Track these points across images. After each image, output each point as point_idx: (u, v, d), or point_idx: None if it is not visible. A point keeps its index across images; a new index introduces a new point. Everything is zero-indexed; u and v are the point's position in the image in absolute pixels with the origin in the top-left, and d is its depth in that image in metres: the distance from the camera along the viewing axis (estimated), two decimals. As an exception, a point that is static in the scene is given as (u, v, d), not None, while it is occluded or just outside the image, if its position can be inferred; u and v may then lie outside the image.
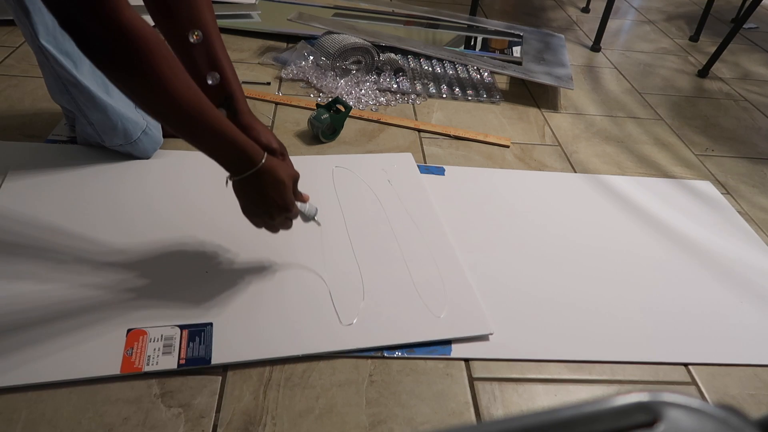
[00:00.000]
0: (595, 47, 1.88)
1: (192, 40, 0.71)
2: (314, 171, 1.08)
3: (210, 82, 0.73)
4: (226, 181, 0.72)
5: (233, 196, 0.74)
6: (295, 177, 0.77)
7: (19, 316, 0.73)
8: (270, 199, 0.72)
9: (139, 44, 0.57)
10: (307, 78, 1.41)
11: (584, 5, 2.27)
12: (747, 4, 2.02)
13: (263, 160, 0.70)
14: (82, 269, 0.81)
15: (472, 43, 1.75)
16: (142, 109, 0.66)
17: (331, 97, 1.35)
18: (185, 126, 0.65)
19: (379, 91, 1.40)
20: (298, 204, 0.78)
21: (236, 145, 0.68)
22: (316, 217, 0.81)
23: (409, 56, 1.57)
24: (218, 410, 0.67)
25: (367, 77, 1.43)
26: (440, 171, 1.14)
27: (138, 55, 0.57)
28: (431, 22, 1.83)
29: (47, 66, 0.92)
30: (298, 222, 0.81)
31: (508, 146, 1.27)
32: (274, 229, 0.78)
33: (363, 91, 1.38)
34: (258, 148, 0.70)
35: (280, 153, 0.76)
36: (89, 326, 0.73)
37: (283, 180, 0.72)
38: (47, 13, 0.87)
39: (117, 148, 1.01)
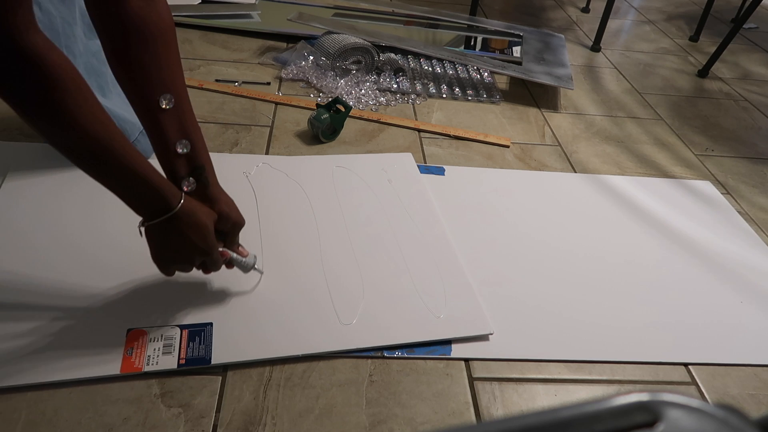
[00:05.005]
0: (595, 47, 1.88)
1: (163, 106, 0.65)
2: (314, 171, 1.08)
3: (180, 150, 0.67)
4: (140, 230, 0.66)
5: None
6: (238, 223, 0.74)
7: (18, 316, 0.73)
8: (190, 243, 0.67)
9: (39, 70, 0.52)
10: (307, 78, 1.41)
11: (584, 5, 2.27)
12: (747, 4, 2.02)
13: (181, 201, 0.64)
14: (82, 269, 0.81)
15: (472, 43, 1.75)
16: (43, 138, 0.58)
17: (331, 97, 1.35)
18: (90, 163, 0.59)
19: (379, 91, 1.40)
20: (234, 256, 0.75)
21: (150, 186, 0.62)
22: (256, 266, 0.78)
23: (409, 56, 1.57)
24: (218, 410, 0.67)
25: (367, 77, 1.43)
26: (440, 171, 1.14)
27: (36, 81, 0.52)
28: (431, 22, 1.83)
29: None
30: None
31: (508, 146, 1.27)
32: (189, 270, 0.72)
33: (363, 91, 1.38)
34: (175, 189, 0.65)
35: (239, 226, 0.75)
36: (89, 326, 0.73)
37: (204, 223, 0.67)
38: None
39: (116, 149, 1.01)
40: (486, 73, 1.55)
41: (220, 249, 0.72)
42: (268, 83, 1.39)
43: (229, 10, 1.71)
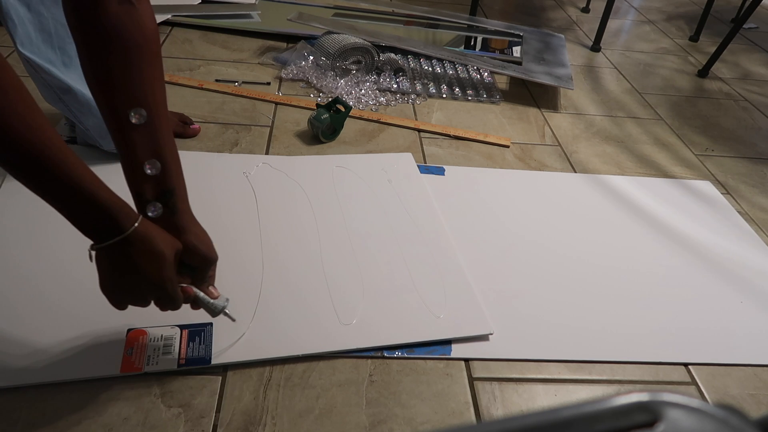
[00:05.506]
0: (595, 47, 1.88)
1: (133, 121, 0.59)
2: (314, 171, 1.08)
3: (148, 171, 0.61)
4: (89, 255, 0.58)
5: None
6: (208, 258, 0.65)
7: (18, 317, 0.73)
8: (142, 273, 0.58)
9: None
10: (307, 78, 1.41)
11: (584, 5, 2.27)
12: (747, 4, 2.02)
13: (135, 224, 0.56)
14: (82, 269, 0.81)
15: (472, 43, 1.75)
16: None
17: (331, 97, 1.35)
18: (23, 173, 0.52)
19: (379, 91, 1.40)
20: (201, 295, 0.66)
21: (96, 203, 0.54)
22: (227, 311, 0.69)
23: (409, 56, 1.57)
24: (218, 410, 0.67)
25: (367, 77, 1.43)
26: (440, 171, 1.14)
27: None
28: (431, 22, 1.83)
29: (36, 76, 0.90)
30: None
31: (508, 146, 1.27)
32: (143, 304, 0.63)
33: (363, 91, 1.38)
34: (130, 209, 0.57)
35: (209, 262, 0.66)
36: (89, 326, 0.73)
37: (162, 251, 0.58)
38: (29, 23, 0.86)
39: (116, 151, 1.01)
40: (486, 73, 1.55)
41: (184, 285, 0.64)
42: (268, 83, 1.39)
43: (229, 10, 1.71)
